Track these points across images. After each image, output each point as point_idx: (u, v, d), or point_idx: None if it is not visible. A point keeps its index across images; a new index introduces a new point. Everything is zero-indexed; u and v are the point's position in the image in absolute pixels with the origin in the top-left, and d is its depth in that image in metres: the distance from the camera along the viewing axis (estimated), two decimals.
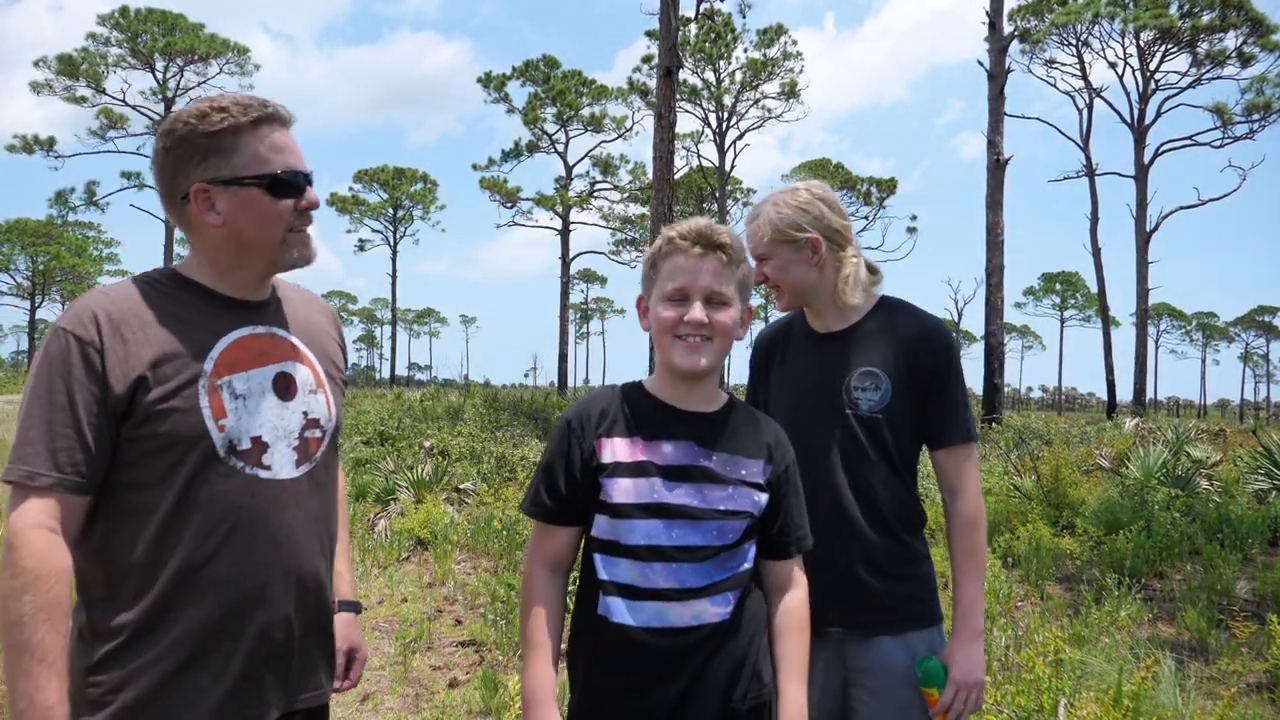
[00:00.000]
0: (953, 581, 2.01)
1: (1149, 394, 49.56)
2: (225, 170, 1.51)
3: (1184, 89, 35.52)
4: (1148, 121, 35.96)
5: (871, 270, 2.13)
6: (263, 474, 1.53)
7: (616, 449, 1.63)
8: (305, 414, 1.60)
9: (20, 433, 1.41)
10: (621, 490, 1.60)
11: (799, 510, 1.76)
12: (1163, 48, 35.05)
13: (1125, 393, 36.36)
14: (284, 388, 1.58)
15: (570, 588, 1.81)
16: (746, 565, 1.67)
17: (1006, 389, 37.17)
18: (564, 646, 1.74)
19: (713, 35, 36.97)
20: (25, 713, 1.32)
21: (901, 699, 1.95)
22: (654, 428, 1.65)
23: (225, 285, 1.58)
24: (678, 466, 1.62)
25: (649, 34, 34.09)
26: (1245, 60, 33.24)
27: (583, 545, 1.71)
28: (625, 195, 44.43)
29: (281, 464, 1.55)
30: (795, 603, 1.73)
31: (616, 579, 1.61)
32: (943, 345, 2.04)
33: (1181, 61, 40.10)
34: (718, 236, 1.63)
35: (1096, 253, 35.14)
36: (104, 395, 1.42)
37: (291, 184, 1.54)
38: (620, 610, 1.60)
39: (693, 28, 34.94)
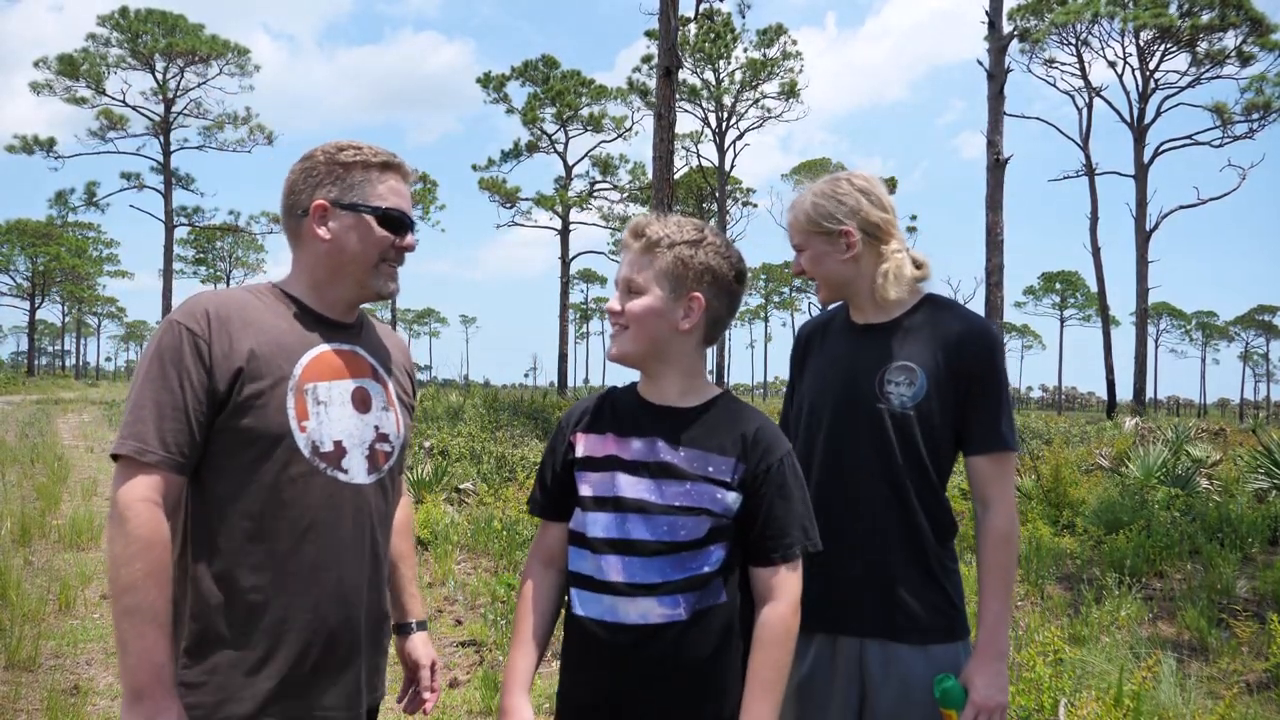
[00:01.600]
0: (979, 596, 1.91)
1: (1149, 393, 49.55)
2: (347, 196, 1.69)
3: (1184, 88, 35.54)
4: (1147, 121, 35.96)
5: (917, 265, 2.02)
6: (342, 476, 1.64)
7: (588, 444, 1.69)
8: (377, 428, 1.72)
9: (132, 411, 1.53)
10: (587, 483, 1.66)
11: (785, 514, 1.64)
12: (1162, 47, 35.06)
13: (1125, 392, 36.39)
14: (361, 401, 1.71)
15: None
16: (709, 569, 1.60)
17: None
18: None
19: (712, 35, 36.97)
20: (137, 668, 1.43)
21: (919, 716, 1.88)
22: (628, 424, 1.69)
23: (319, 302, 1.72)
24: (641, 462, 1.63)
25: (649, 34, 34.09)
26: (1245, 60, 33.25)
27: None
28: (625, 195, 44.41)
29: (357, 469, 1.66)
30: (773, 615, 1.61)
31: (581, 570, 1.65)
32: (988, 348, 1.94)
33: (1181, 61, 40.18)
34: (644, 227, 1.67)
35: (1096, 252, 35.15)
36: (209, 384, 1.55)
37: (399, 221, 1.72)
38: (579, 602, 1.65)
39: (692, 28, 34.94)
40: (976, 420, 1.93)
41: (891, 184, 53.83)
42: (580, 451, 1.69)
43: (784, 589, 1.63)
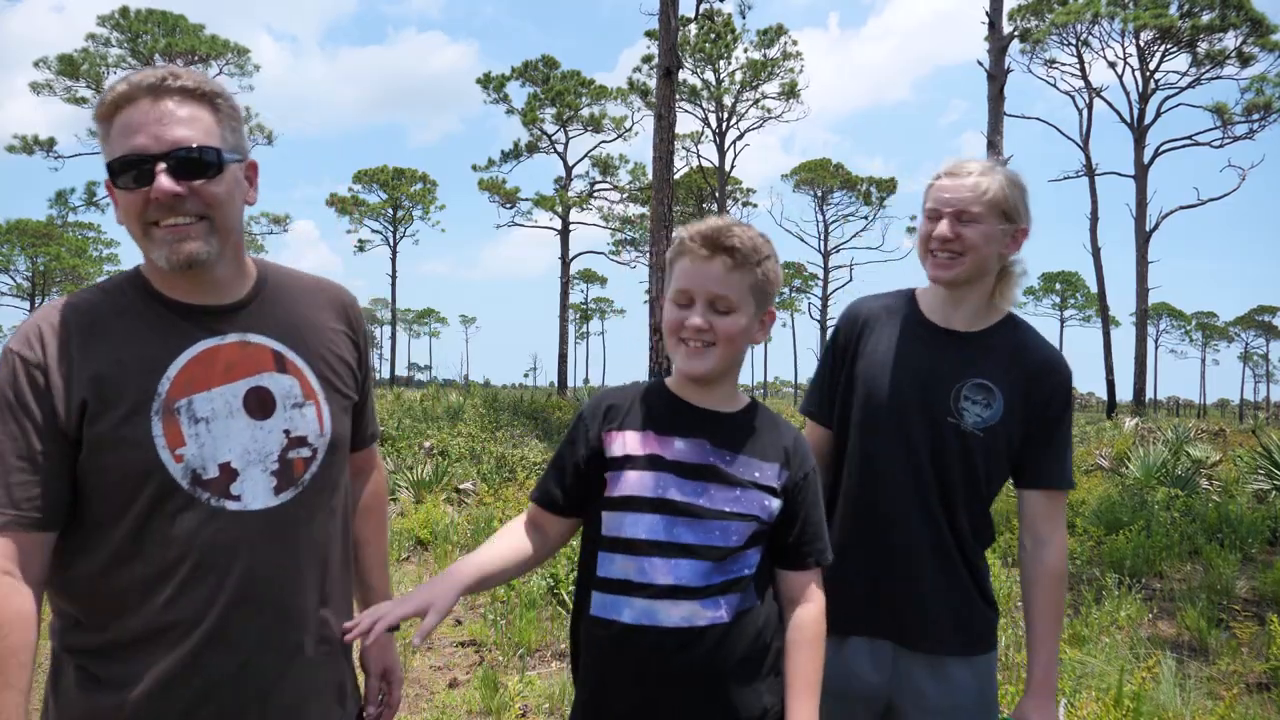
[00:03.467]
0: (1031, 634, 1.91)
1: (1149, 394, 49.54)
2: (106, 162, 1.36)
3: (1184, 89, 35.53)
4: (1147, 121, 35.95)
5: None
6: (230, 505, 1.35)
7: (628, 442, 1.61)
8: (287, 432, 1.42)
9: None
10: (629, 483, 1.58)
11: (818, 521, 1.70)
12: (1162, 47, 35.05)
13: (1125, 392, 36.38)
14: (257, 405, 1.40)
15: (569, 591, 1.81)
16: (748, 571, 1.61)
17: None
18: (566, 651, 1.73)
19: (712, 35, 36.98)
20: None
21: None
22: (668, 423, 1.63)
23: (176, 290, 1.40)
24: (689, 464, 1.59)
25: (649, 34, 34.09)
26: (1245, 60, 33.25)
27: (581, 546, 1.70)
28: (625, 195, 44.42)
29: (254, 493, 1.38)
30: (809, 617, 1.66)
31: (611, 574, 1.59)
32: (1066, 382, 1.93)
33: (1181, 61, 40.20)
34: (727, 238, 1.55)
35: (1096, 252, 35.13)
36: (54, 420, 1.29)
37: (128, 171, 1.31)
38: (613, 607, 1.58)
39: (693, 28, 34.95)
40: (1042, 455, 1.91)
41: (892, 185, 53.86)
42: (618, 450, 1.61)
43: (817, 591, 1.69)
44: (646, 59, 37.18)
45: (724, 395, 1.68)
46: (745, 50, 40.09)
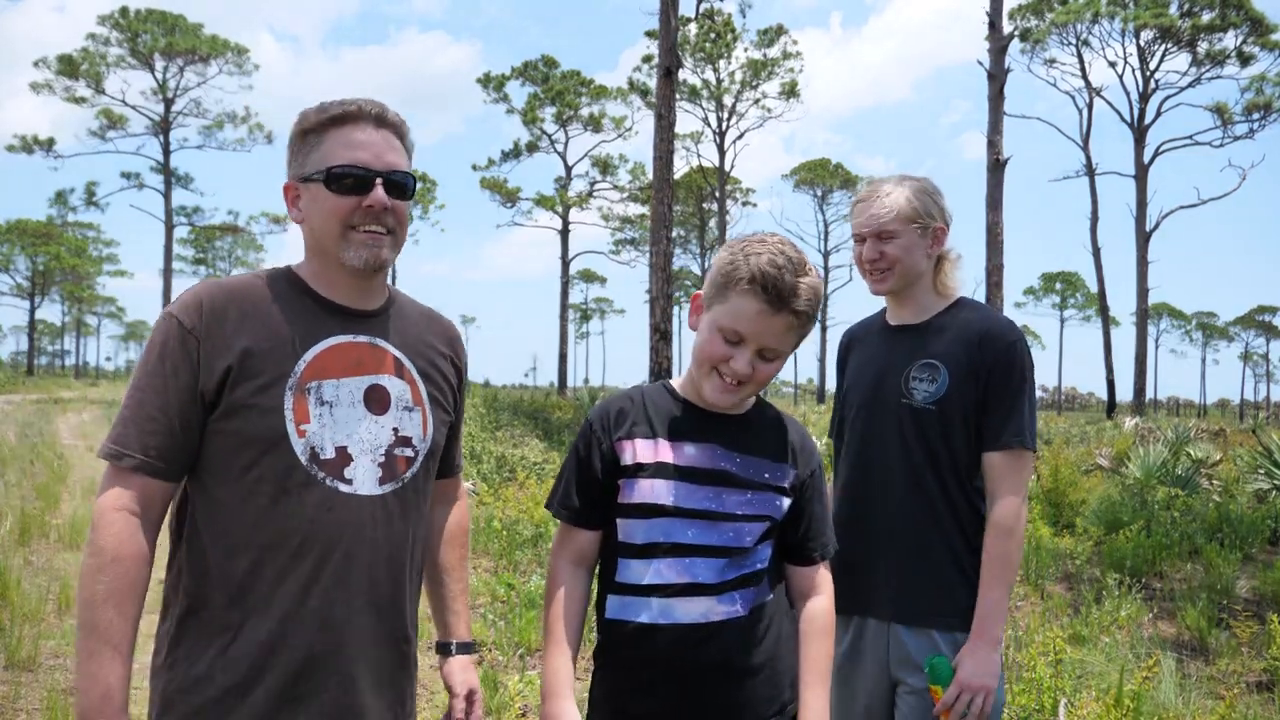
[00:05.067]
0: (980, 595, 1.99)
1: (1149, 394, 49.56)
2: (305, 168, 1.53)
3: (1184, 88, 35.58)
4: (1148, 121, 35.97)
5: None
6: (343, 488, 1.46)
7: (638, 450, 1.62)
8: (396, 430, 1.54)
9: (121, 410, 1.44)
10: (641, 491, 1.59)
11: (824, 516, 1.74)
12: (1162, 47, 35.08)
13: (1125, 392, 36.40)
14: (376, 401, 1.53)
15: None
16: (760, 566, 1.64)
17: None
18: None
19: (713, 35, 36.97)
20: (86, 691, 1.34)
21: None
22: (678, 429, 1.64)
23: (326, 289, 1.55)
24: (700, 469, 1.61)
25: (649, 34, 34.09)
26: (1245, 60, 33.28)
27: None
28: (625, 195, 44.42)
29: (364, 479, 1.48)
30: (819, 609, 1.70)
31: (627, 579, 1.60)
32: (1008, 344, 2.01)
33: (1181, 61, 40.24)
34: (796, 301, 1.54)
35: (1096, 252, 35.15)
36: (196, 383, 1.42)
37: (348, 179, 1.49)
38: (630, 609, 1.59)
39: (693, 28, 34.94)
40: (992, 416, 1.99)
41: None
42: (629, 459, 1.62)
43: (827, 584, 1.73)
44: (646, 59, 37.18)
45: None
46: (745, 50, 40.12)
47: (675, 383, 1.72)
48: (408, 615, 1.58)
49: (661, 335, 16.59)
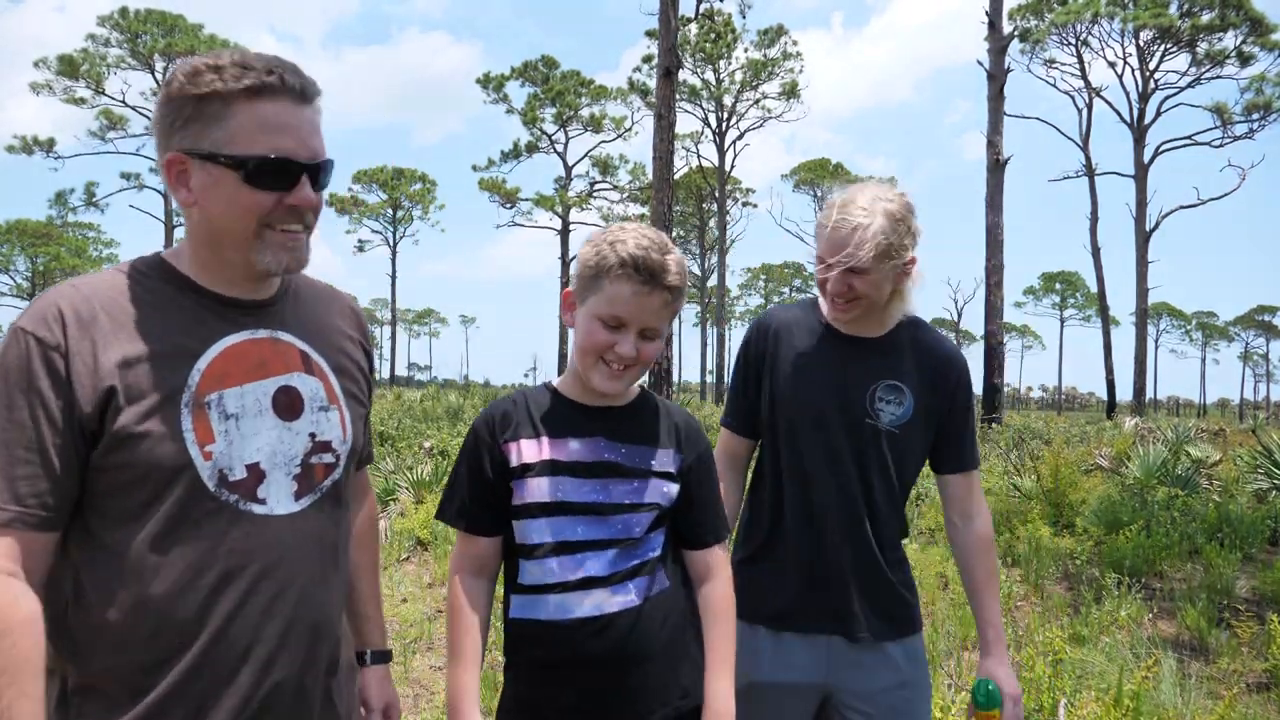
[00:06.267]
0: (976, 601, 2.06)
1: (1149, 394, 49.55)
2: (204, 142, 1.25)
3: (1183, 89, 35.57)
4: (1147, 121, 35.97)
5: None
6: (257, 509, 1.28)
7: (523, 451, 1.64)
8: (312, 436, 1.36)
9: None
10: (530, 490, 1.62)
11: (714, 500, 1.77)
12: (1162, 47, 35.08)
13: (1125, 392, 36.40)
14: (287, 405, 1.34)
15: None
16: (653, 554, 1.66)
17: (1006, 389, 37.18)
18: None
19: (713, 35, 36.98)
20: None
21: (897, 700, 2.00)
22: (560, 426, 1.66)
23: (213, 280, 1.33)
24: (583, 463, 1.64)
25: (649, 34, 34.10)
26: (1245, 60, 33.28)
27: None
28: (625, 195, 44.46)
29: (278, 497, 1.31)
30: (718, 592, 1.72)
31: (525, 580, 1.63)
32: (965, 372, 2.09)
33: (1181, 61, 40.25)
34: (667, 276, 1.59)
35: (1096, 252, 35.15)
36: (71, 409, 1.19)
37: (276, 173, 1.26)
38: (529, 607, 1.63)
39: (693, 28, 34.95)
40: (955, 443, 2.08)
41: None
42: (515, 460, 1.63)
43: (723, 566, 1.76)
44: (647, 59, 37.19)
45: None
46: (745, 50, 40.15)
47: (556, 382, 1.75)
48: (340, 638, 1.45)
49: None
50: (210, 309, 1.32)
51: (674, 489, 1.68)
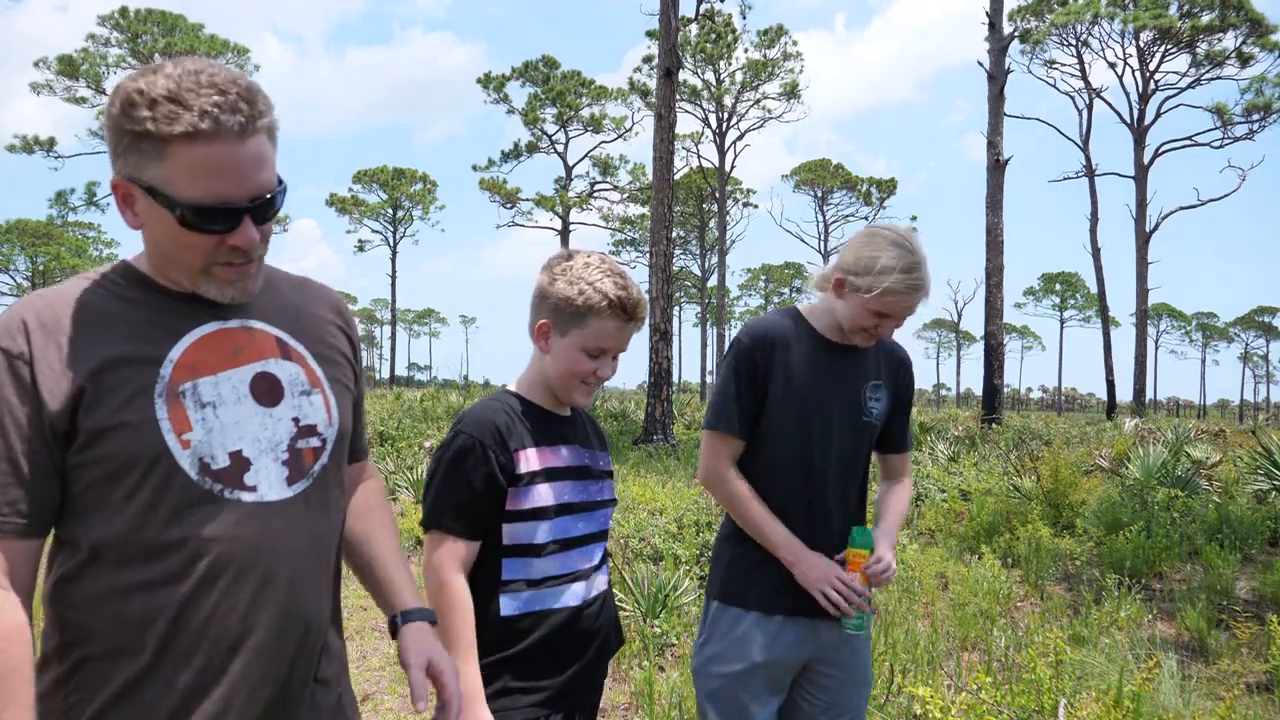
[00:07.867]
0: (885, 519, 2.37)
1: (1149, 394, 49.58)
2: (144, 174, 1.21)
3: (1184, 89, 35.59)
4: (1147, 122, 35.99)
5: None
6: (246, 497, 1.27)
7: (530, 459, 1.81)
8: (296, 420, 1.34)
9: None
10: (538, 495, 1.79)
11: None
12: (1162, 48, 35.10)
13: (1125, 393, 36.43)
14: (266, 391, 1.33)
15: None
16: (606, 541, 1.99)
17: (1006, 389, 37.20)
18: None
19: (713, 36, 36.99)
20: None
21: (857, 655, 2.29)
22: (546, 435, 1.86)
23: (177, 281, 1.32)
24: (574, 467, 1.87)
25: (650, 34, 34.10)
26: (1245, 60, 33.28)
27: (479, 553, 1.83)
28: (625, 196, 44.47)
29: (269, 484, 1.29)
30: None
31: (530, 575, 1.79)
32: (910, 365, 2.44)
33: (1181, 62, 40.28)
34: (642, 309, 1.85)
35: (1096, 253, 35.18)
36: (39, 416, 1.19)
37: (209, 219, 1.22)
38: (535, 601, 1.79)
39: (693, 28, 34.96)
40: (902, 429, 2.44)
41: (892, 185, 53.89)
42: (524, 468, 1.80)
43: None
44: (647, 59, 37.19)
45: None
46: (746, 50, 40.15)
47: (523, 391, 1.91)
48: (330, 627, 1.42)
49: (661, 335, 16.60)
50: (179, 303, 1.32)
51: (612, 486, 2.00)
